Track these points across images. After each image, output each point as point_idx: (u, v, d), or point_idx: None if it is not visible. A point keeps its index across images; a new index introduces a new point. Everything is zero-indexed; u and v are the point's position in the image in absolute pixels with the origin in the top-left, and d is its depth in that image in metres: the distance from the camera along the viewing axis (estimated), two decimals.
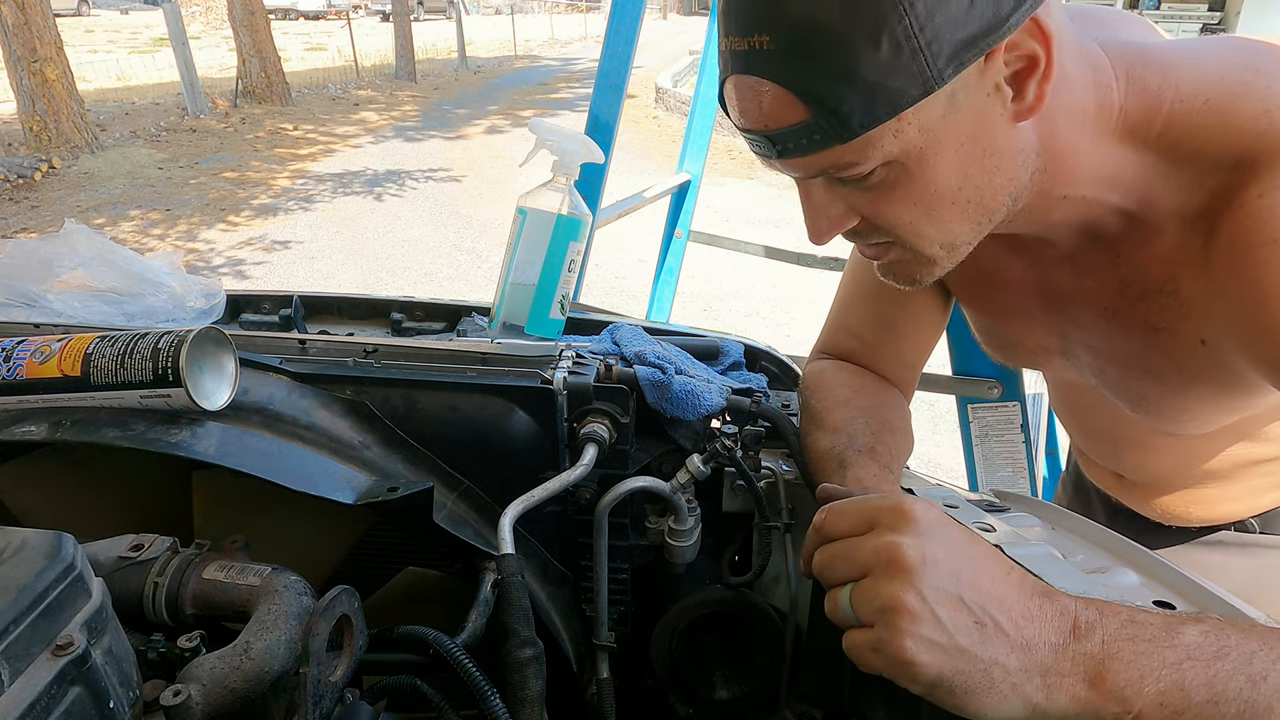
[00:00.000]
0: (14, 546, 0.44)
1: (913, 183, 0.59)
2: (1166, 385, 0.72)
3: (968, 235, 0.64)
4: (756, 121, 0.58)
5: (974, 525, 0.66)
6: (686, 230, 2.86)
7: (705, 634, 0.86)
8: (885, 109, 0.53)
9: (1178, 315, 0.66)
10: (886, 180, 0.59)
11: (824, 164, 0.58)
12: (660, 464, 0.84)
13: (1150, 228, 0.65)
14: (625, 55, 1.97)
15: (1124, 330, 0.71)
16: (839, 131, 0.55)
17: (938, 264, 0.66)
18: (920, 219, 0.61)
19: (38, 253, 0.93)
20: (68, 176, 7.38)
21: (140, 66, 12.96)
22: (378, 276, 5.30)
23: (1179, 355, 0.68)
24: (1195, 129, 0.60)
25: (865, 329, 0.91)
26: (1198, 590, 0.58)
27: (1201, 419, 0.76)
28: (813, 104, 0.54)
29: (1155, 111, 0.61)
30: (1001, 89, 0.56)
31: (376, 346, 0.82)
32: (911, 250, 0.64)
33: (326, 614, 0.52)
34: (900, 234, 0.63)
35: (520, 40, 20.43)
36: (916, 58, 0.52)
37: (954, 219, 0.61)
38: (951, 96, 0.54)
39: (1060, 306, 0.76)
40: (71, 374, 0.67)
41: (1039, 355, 0.84)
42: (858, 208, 0.63)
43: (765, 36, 0.54)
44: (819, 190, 0.63)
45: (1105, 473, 1.04)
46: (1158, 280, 0.66)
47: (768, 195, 7.12)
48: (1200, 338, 0.65)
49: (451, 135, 9.80)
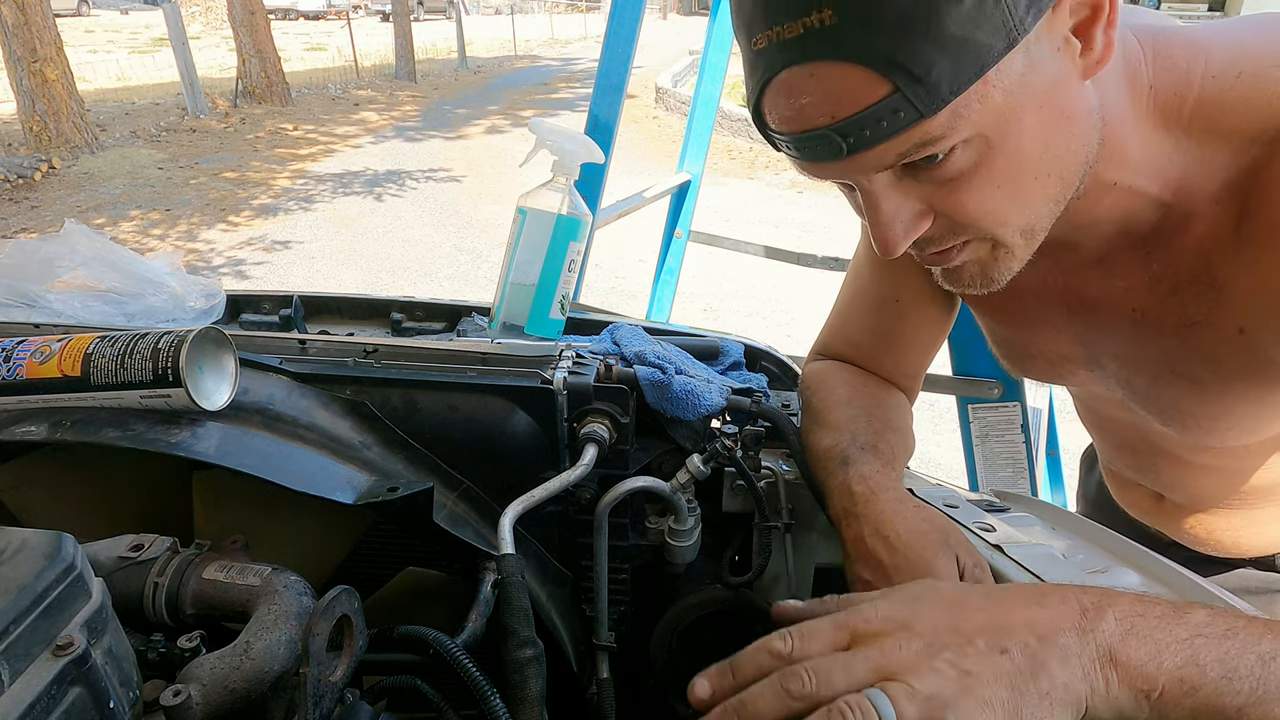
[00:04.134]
0: (14, 546, 0.44)
1: (996, 159, 0.53)
2: (1202, 389, 0.67)
3: (1046, 215, 0.58)
4: (820, 116, 0.50)
5: (974, 525, 0.66)
6: (686, 230, 2.86)
7: (705, 634, 0.86)
8: (973, 68, 0.48)
9: (1213, 305, 0.61)
10: (965, 162, 0.53)
11: (902, 149, 0.51)
12: (660, 464, 0.84)
13: (1185, 217, 0.60)
14: (625, 55, 1.97)
15: (1154, 331, 0.66)
16: (927, 101, 0.48)
17: (1016, 255, 0.60)
18: (1005, 203, 0.55)
19: (38, 253, 0.93)
20: (68, 176, 7.38)
21: (140, 66, 12.97)
22: (378, 276, 5.30)
23: (1215, 350, 0.63)
24: (1230, 104, 0.56)
25: (863, 339, 0.90)
26: (1198, 591, 0.58)
27: (1240, 427, 0.70)
28: (897, 74, 0.48)
29: (1186, 89, 0.57)
30: (1070, 41, 0.51)
31: (376, 346, 0.82)
32: (990, 243, 0.58)
33: (326, 614, 0.52)
34: (984, 225, 0.56)
35: (520, 40, 20.43)
36: (999, 5, 0.46)
37: (1036, 196, 0.56)
38: (1028, 51, 0.49)
39: (1084, 313, 0.71)
40: (71, 374, 0.67)
41: (1060, 367, 0.80)
42: (934, 203, 0.56)
43: (826, 11, 0.47)
44: (887, 192, 0.55)
45: (1142, 494, 0.96)
46: (1190, 271, 0.61)
47: (768, 195, 7.12)
48: (1239, 327, 0.60)
49: (451, 135, 9.80)
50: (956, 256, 0.60)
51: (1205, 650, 0.43)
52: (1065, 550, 0.64)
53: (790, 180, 7.46)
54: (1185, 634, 0.44)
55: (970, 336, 1.56)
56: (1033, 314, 0.76)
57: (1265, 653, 0.43)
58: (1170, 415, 0.72)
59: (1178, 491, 0.89)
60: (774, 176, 7.68)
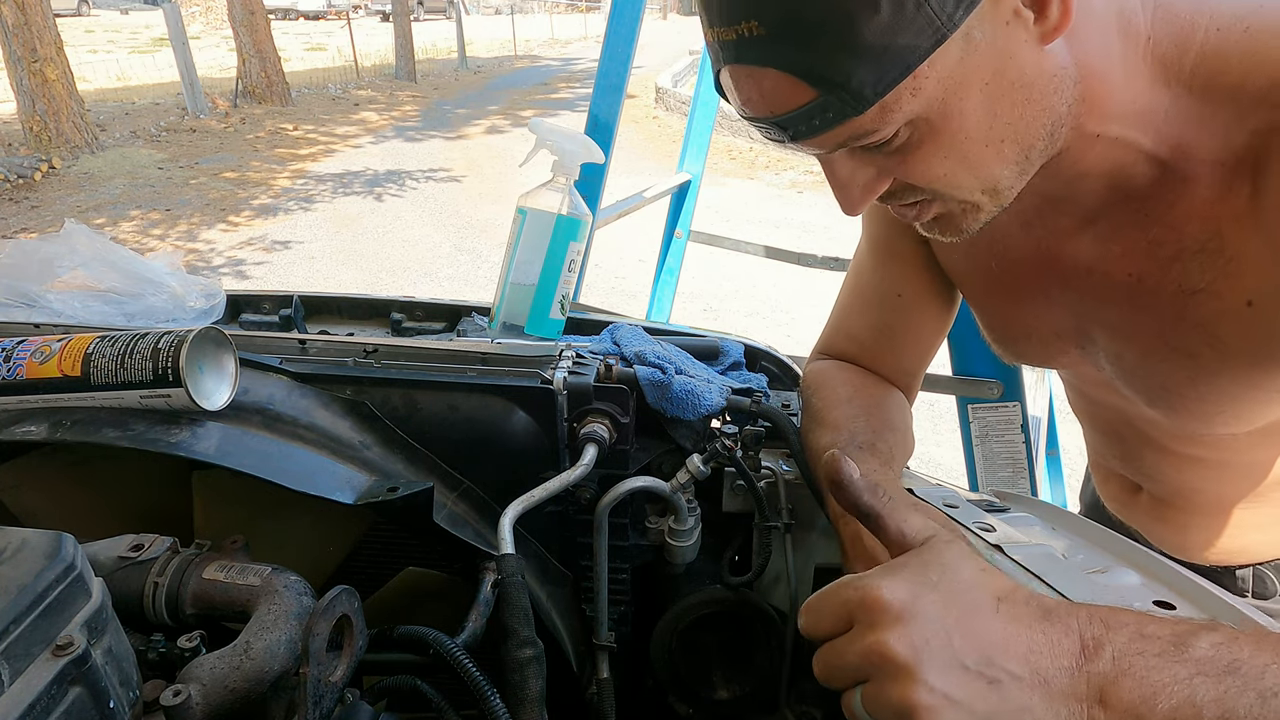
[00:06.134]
0: (14, 546, 0.44)
1: (940, 135, 0.54)
2: (1196, 364, 0.65)
3: (1009, 177, 0.58)
4: (761, 109, 0.54)
5: (974, 525, 0.66)
6: (686, 230, 2.86)
7: (705, 634, 0.86)
8: (898, 70, 0.49)
9: (1221, 274, 0.59)
10: (912, 139, 0.55)
11: (843, 138, 0.54)
12: (660, 464, 0.84)
13: (1186, 179, 0.59)
14: (625, 55, 1.97)
15: (1151, 297, 0.64)
16: (853, 105, 0.51)
17: (983, 209, 0.61)
18: (955, 169, 0.56)
19: (38, 253, 0.93)
20: (68, 176, 7.38)
21: (140, 66, 12.98)
22: (378, 276, 5.31)
23: (1216, 322, 0.61)
24: (1235, 59, 0.54)
25: (865, 335, 0.90)
26: (1198, 591, 0.57)
27: (1230, 411, 0.68)
28: (818, 83, 0.51)
29: (1188, 41, 0.56)
30: (1020, 13, 0.51)
31: (376, 346, 0.82)
32: (953, 201, 0.60)
33: (326, 614, 0.52)
34: (937, 189, 0.58)
35: (520, 40, 20.45)
36: (922, 9, 0.48)
37: (991, 161, 0.57)
38: (967, 36, 0.50)
39: (1078, 280, 0.70)
40: (71, 374, 0.67)
41: (1052, 345, 0.79)
42: (887, 170, 0.58)
43: (753, 22, 0.50)
44: (843, 163, 0.59)
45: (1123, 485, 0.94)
46: (1196, 238, 0.60)
47: (768, 195, 7.13)
48: (1247, 299, 0.59)
49: (451, 135, 9.80)
50: (925, 213, 0.62)
51: (1203, 690, 0.43)
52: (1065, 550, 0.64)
53: (790, 180, 7.47)
54: (1185, 673, 0.43)
55: (970, 336, 1.56)
56: (1027, 284, 0.75)
57: (1267, 689, 0.42)
58: (1158, 395, 0.71)
59: (1158, 483, 0.88)
60: (774, 176, 7.68)
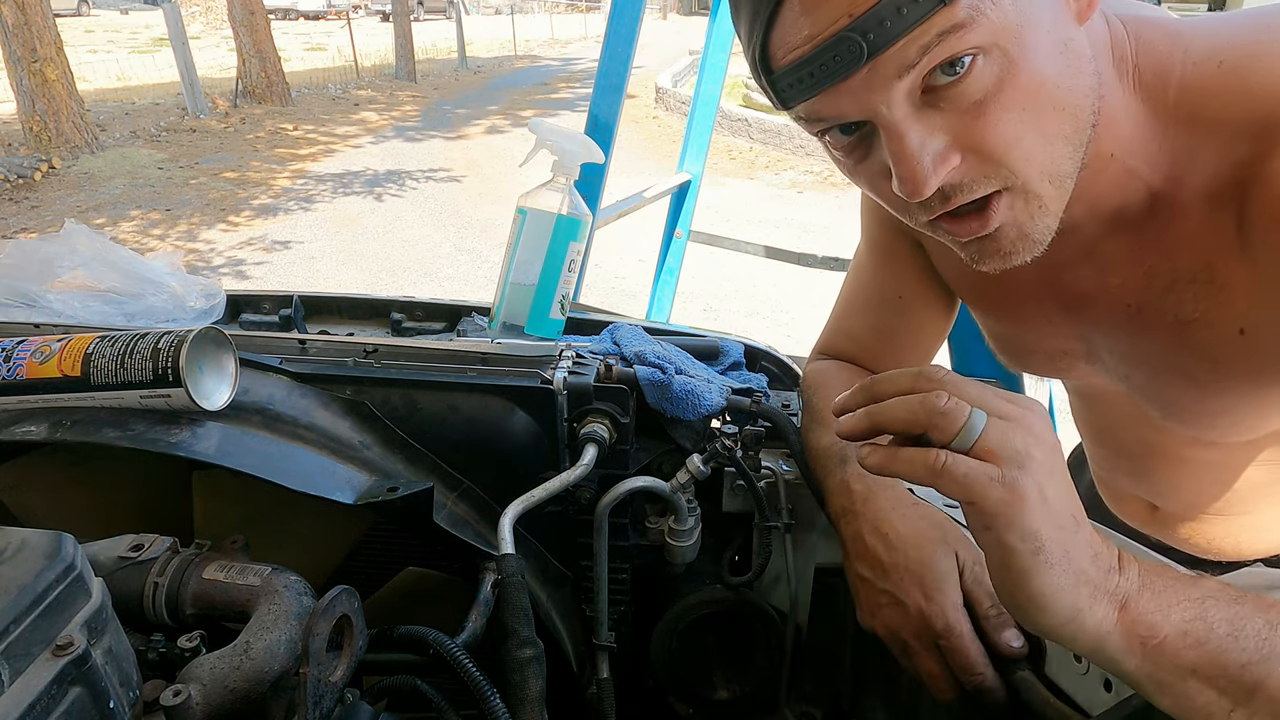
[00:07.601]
0: (14, 546, 0.44)
1: (1017, 76, 0.51)
2: (1200, 386, 0.67)
3: (1066, 159, 0.56)
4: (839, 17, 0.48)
5: None
6: (686, 230, 2.87)
7: (705, 634, 0.86)
8: None
9: (1214, 304, 0.61)
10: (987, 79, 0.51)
11: (923, 41, 0.49)
12: (660, 464, 0.84)
13: (1176, 208, 0.60)
14: (625, 55, 1.98)
15: (1150, 328, 0.66)
16: None
17: (1049, 208, 0.57)
18: (1028, 132, 0.53)
19: (38, 253, 0.93)
20: (68, 176, 7.38)
21: (140, 66, 12.97)
22: (378, 276, 5.30)
23: (1213, 349, 0.63)
24: (1212, 93, 0.56)
25: (866, 335, 0.90)
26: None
27: (1241, 423, 0.70)
28: None
29: (1167, 75, 0.57)
30: None
31: (376, 346, 0.82)
32: (1022, 192, 0.56)
33: (326, 614, 0.52)
34: (1012, 162, 0.54)
35: (520, 40, 20.44)
36: None
37: (1054, 130, 0.54)
38: None
39: (1079, 308, 0.71)
40: (71, 374, 0.67)
41: (1059, 361, 0.79)
42: (959, 135, 0.53)
43: None
44: (910, 123, 0.53)
45: (1138, 506, 0.93)
46: (1189, 268, 0.61)
47: (768, 195, 7.12)
48: (1239, 327, 0.60)
49: (451, 135, 9.80)
50: (993, 216, 0.57)
51: (1214, 610, 0.47)
52: None
53: (790, 180, 7.46)
54: (1197, 594, 0.48)
55: (970, 336, 1.55)
56: (1029, 310, 0.76)
57: (1273, 619, 0.47)
58: (1171, 410, 0.72)
59: (1172, 499, 0.87)
60: (774, 176, 7.68)
